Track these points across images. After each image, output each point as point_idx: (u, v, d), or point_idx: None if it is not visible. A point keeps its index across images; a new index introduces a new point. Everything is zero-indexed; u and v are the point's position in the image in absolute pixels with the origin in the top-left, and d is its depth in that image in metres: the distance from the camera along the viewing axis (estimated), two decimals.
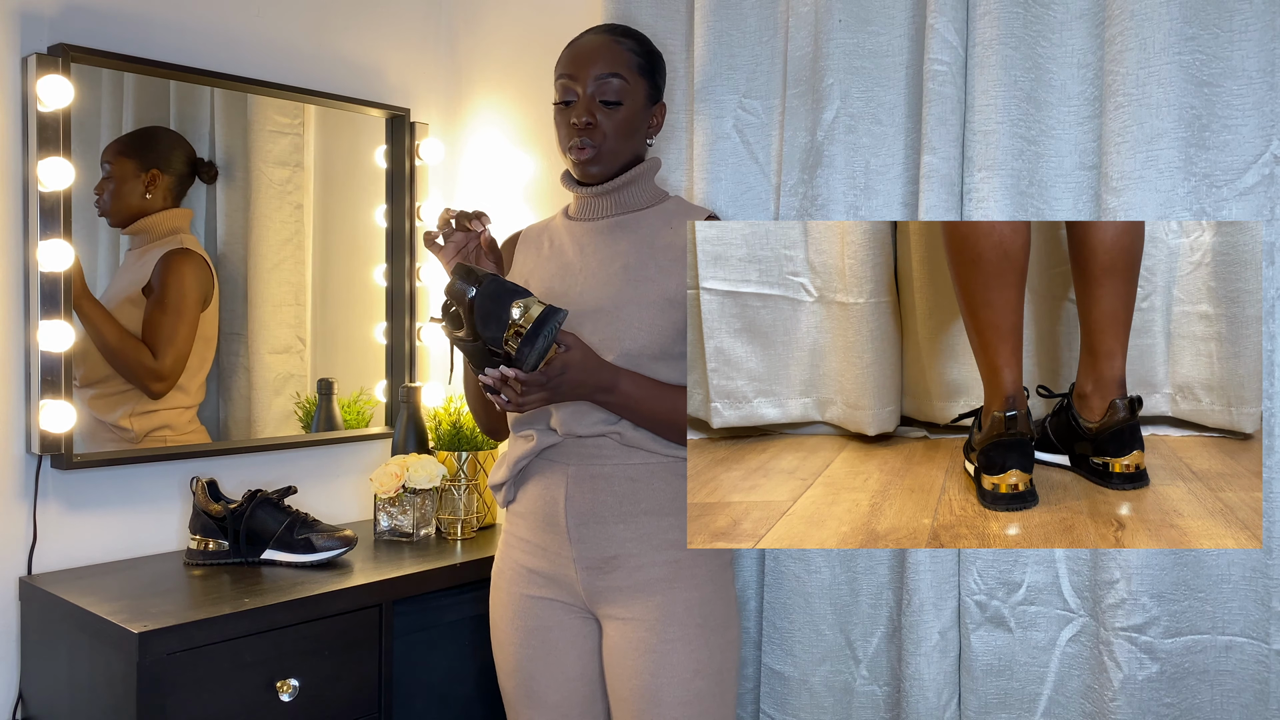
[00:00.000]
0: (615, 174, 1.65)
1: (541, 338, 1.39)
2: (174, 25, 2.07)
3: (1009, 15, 1.57)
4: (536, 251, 1.73)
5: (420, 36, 2.48)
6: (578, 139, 1.60)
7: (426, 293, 2.47)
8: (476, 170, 2.49)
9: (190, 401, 2.11)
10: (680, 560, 1.58)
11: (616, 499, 1.58)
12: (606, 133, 1.61)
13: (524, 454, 1.64)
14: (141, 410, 2.04)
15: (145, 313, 2.03)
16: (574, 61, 1.63)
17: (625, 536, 1.58)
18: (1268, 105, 1.42)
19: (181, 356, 2.07)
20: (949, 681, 1.65)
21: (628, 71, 1.62)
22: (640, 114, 1.65)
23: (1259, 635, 1.45)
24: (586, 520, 1.59)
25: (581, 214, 1.70)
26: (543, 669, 1.66)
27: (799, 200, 1.78)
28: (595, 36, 1.65)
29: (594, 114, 1.60)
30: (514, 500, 1.70)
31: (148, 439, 2.04)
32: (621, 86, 1.61)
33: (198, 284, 2.10)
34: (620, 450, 1.59)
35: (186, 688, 1.61)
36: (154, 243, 2.06)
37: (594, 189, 1.66)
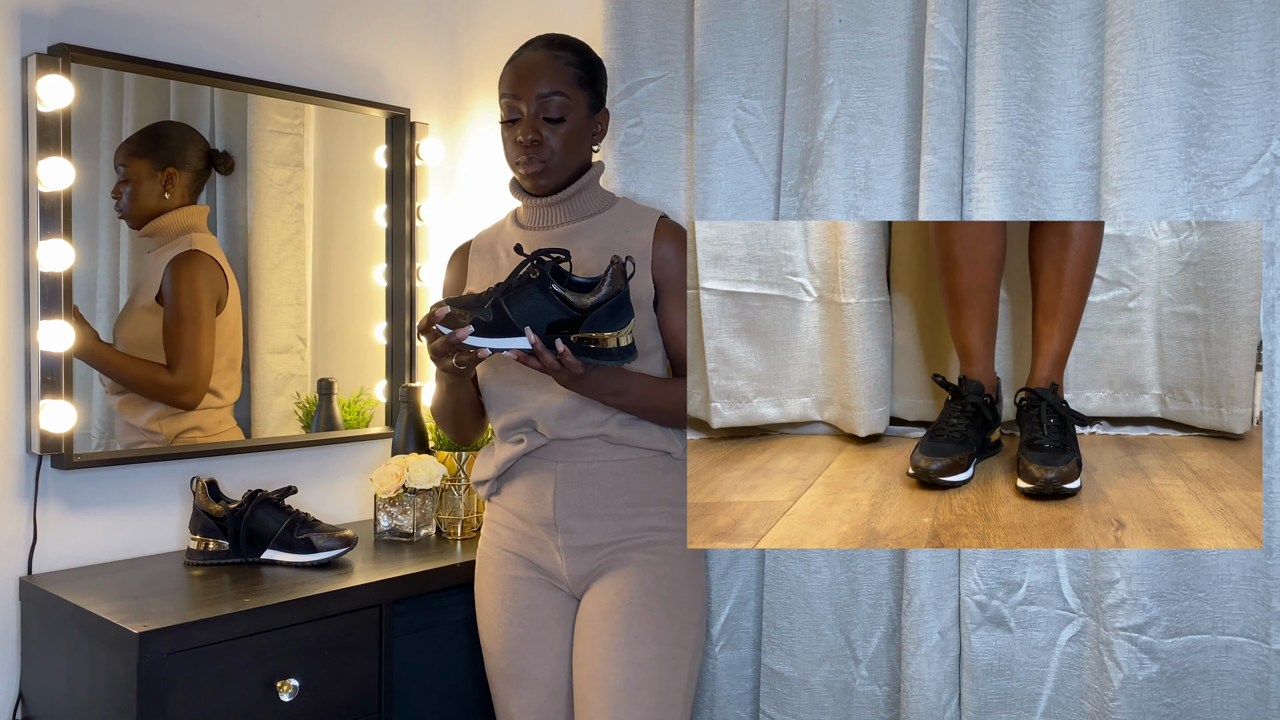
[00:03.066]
0: (565, 183, 1.68)
1: (611, 356, 1.50)
2: (174, 25, 2.07)
3: (1009, 15, 1.57)
4: (494, 260, 1.75)
5: (420, 36, 2.48)
6: (524, 156, 1.64)
7: (426, 293, 2.47)
8: (476, 170, 2.49)
9: (223, 403, 2.11)
10: (656, 542, 1.64)
11: (603, 493, 1.65)
12: (553, 148, 1.64)
13: (511, 455, 1.69)
14: (169, 413, 2.04)
15: (163, 324, 2.03)
16: (516, 80, 1.66)
17: (610, 527, 1.64)
18: (1268, 105, 1.42)
19: (203, 364, 2.06)
20: (949, 681, 1.65)
21: (568, 87, 1.64)
22: (584, 125, 1.67)
23: (1259, 635, 1.45)
24: (574, 513, 1.65)
25: (534, 223, 1.72)
26: (532, 648, 1.69)
27: (799, 200, 1.78)
28: (535, 53, 1.67)
29: (539, 131, 1.63)
30: (498, 494, 1.75)
31: (178, 440, 2.05)
32: (563, 103, 1.63)
33: (208, 286, 2.08)
34: (606, 448, 1.65)
35: (186, 688, 1.61)
36: (166, 245, 2.06)
37: (546, 199, 1.69)
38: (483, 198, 2.47)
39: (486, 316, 1.49)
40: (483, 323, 1.49)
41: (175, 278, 2.04)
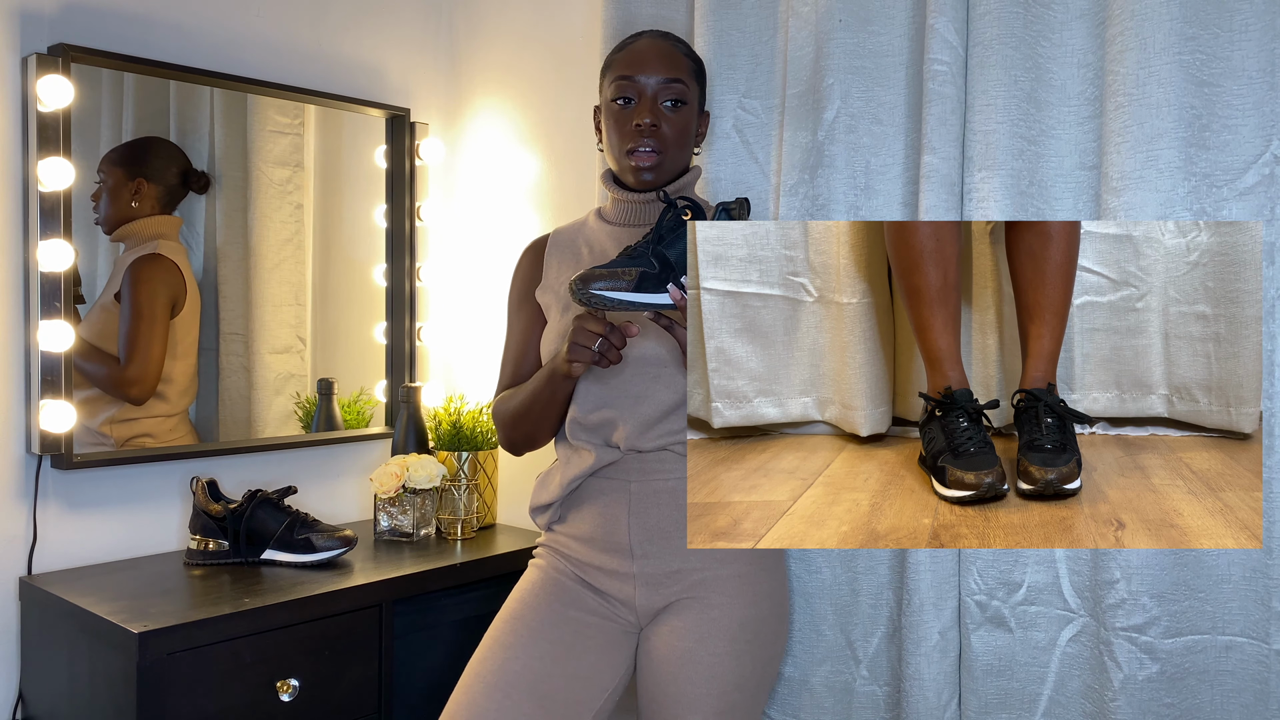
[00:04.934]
0: (667, 182, 1.61)
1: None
2: (174, 25, 2.07)
3: (1009, 15, 1.57)
4: (574, 256, 1.68)
5: (420, 36, 2.48)
6: (642, 141, 1.56)
7: (426, 293, 2.47)
8: (476, 170, 2.49)
9: (170, 410, 2.09)
10: (743, 575, 1.56)
11: (681, 513, 1.57)
12: (669, 137, 1.57)
13: (578, 473, 1.59)
14: (121, 418, 2.02)
15: (118, 320, 2.02)
16: (634, 62, 1.57)
17: (689, 550, 1.56)
18: (1268, 105, 1.42)
19: (151, 360, 2.05)
20: (949, 681, 1.65)
21: (687, 76, 1.59)
22: (694, 120, 1.62)
23: (1259, 635, 1.45)
24: (652, 537, 1.57)
25: (623, 219, 1.65)
26: (552, 660, 1.55)
27: (799, 200, 1.78)
28: (653, 40, 1.61)
29: (657, 115, 1.56)
30: (561, 521, 1.64)
31: (127, 445, 2.03)
32: (682, 90, 1.58)
33: (164, 288, 2.08)
34: (680, 463, 1.57)
35: (186, 688, 1.61)
36: (133, 249, 2.06)
37: (642, 195, 1.62)
38: (483, 198, 2.47)
39: (652, 268, 1.41)
40: (650, 275, 1.41)
41: (134, 278, 2.04)
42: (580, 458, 1.60)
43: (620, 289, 1.41)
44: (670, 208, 1.46)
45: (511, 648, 1.55)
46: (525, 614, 1.59)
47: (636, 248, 1.45)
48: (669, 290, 1.41)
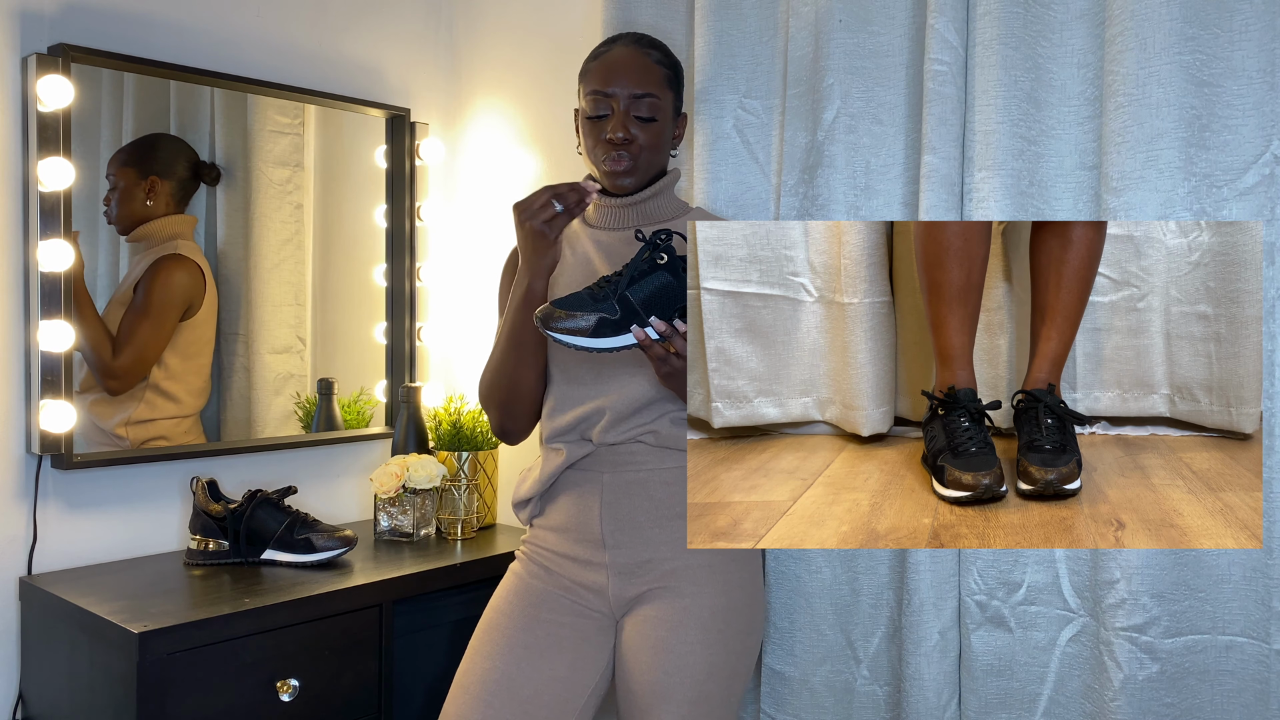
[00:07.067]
0: (644, 186, 1.65)
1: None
2: (174, 25, 2.07)
3: (1009, 15, 1.57)
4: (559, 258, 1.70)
5: (420, 36, 2.48)
6: (613, 152, 1.60)
7: (426, 293, 2.47)
8: (476, 170, 2.49)
9: (183, 411, 2.10)
10: (713, 564, 1.58)
11: (652, 504, 1.59)
12: (642, 146, 1.61)
13: (555, 468, 1.63)
14: (137, 420, 2.03)
15: (124, 312, 2.03)
16: (607, 76, 1.61)
17: (660, 540, 1.58)
18: (1268, 105, 1.42)
19: (142, 359, 2.04)
20: (949, 681, 1.65)
21: (659, 87, 1.62)
22: (669, 127, 1.66)
23: (1259, 635, 1.45)
24: (623, 527, 1.59)
25: (605, 223, 1.69)
26: (533, 659, 1.58)
27: (799, 200, 1.79)
28: (625, 50, 1.63)
29: (629, 130, 1.60)
30: (540, 515, 1.68)
31: (144, 447, 2.04)
32: (654, 104, 1.61)
33: (182, 290, 2.09)
34: (654, 454, 1.60)
35: (186, 688, 1.61)
36: (153, 249, 2.06)
37: (621, 200, 1.66)
38: (483, 198, 2.47)
39: (613, 313, 1.43)
40: (609, 321, 1.43)
41: (152, 276, 2.05)
42: (556, 455, 1.64)
43: (579, 333, 1.44)
44: (647, 247, 1.48)
45: (490, 656, 1.59)
46: (500, 621, 1.63)
47: (603, 287, 1.48)
48: (632, 331, 1.44)
